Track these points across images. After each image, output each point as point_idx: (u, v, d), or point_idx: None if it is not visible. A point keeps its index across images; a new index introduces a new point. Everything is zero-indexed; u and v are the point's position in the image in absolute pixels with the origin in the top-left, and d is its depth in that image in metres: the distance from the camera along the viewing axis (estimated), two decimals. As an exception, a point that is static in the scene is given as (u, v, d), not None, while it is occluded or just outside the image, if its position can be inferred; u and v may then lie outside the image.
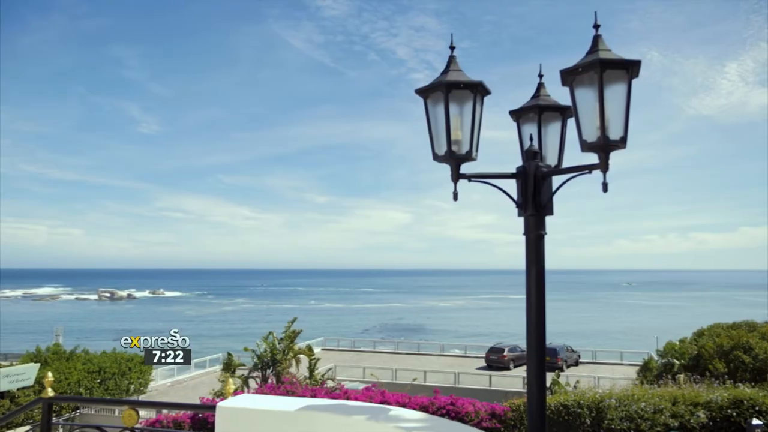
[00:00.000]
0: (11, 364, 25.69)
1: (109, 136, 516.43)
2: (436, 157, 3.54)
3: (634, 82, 3.17)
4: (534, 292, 3.41)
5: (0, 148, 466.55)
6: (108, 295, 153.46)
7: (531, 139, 3.75)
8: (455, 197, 3.47)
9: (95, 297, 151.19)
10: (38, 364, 24.07)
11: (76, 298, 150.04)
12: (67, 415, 23.63)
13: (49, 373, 4.10)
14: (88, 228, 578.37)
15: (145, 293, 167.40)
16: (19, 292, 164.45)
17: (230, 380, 4.06)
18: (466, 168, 3.55)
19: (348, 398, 11.24)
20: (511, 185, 3.63)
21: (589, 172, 3.35)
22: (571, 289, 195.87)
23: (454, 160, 3.47)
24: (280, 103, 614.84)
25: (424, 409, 10.85)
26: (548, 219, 3.54)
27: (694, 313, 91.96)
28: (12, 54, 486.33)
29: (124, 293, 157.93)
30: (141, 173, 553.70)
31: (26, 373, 22.78)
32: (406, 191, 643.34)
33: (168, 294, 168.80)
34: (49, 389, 3.94)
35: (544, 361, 3.43)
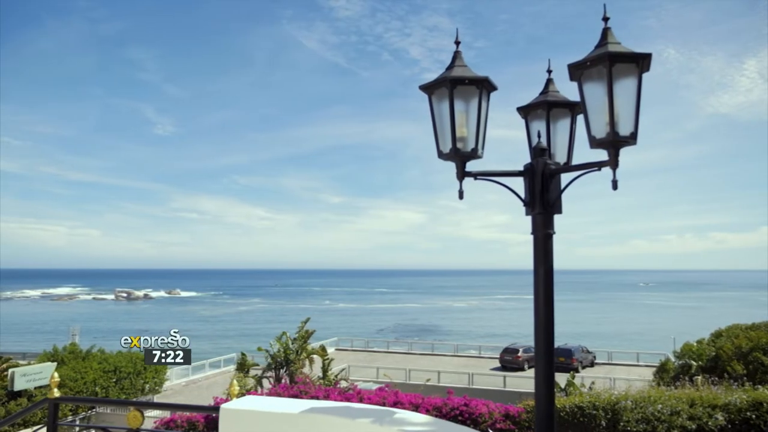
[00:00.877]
0: (29, 363, 26.02)
1: (125, 137, 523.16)
2: (441, 155, 3.47)
3: (647, 76, 3.08)
4: (542, 293, 3.33)
5: (21, 150, 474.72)
6: (124, 295, 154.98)
7: (539, 135, 3.67)
8: (461, 195, 3.39)
9: (112, 297, 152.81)
10: (55, 364, 24.36)
11: (94, 298, 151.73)
12: (84, 414, 23.85)
13: (55, 374, 4.10)
14: (105, 229, 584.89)
15: (161, 293, 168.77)
16: (38, 292, 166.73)
17: (234, 382, 4.02)
18: (473, 166, 3.47)
19: (361, 399, 11.19)
20: (519, 183, 3.55)
21: (599, 170, 3.25)
22: (587, 290, 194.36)
23: (459, 157, 3.39)
24: (294, 103, 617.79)
25: (437, 409, 10.76)
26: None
27: (712, 314, 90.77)
28: (31, 57, 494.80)
29: (140, 293, 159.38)
30: (157, 174, 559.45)
31: (43, 372, 23.05)
32: (420, 191, 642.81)
33: (184, 294, 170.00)
34: (55, 390, 3.93)
35: (553, 362, 3.35)
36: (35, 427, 17.06)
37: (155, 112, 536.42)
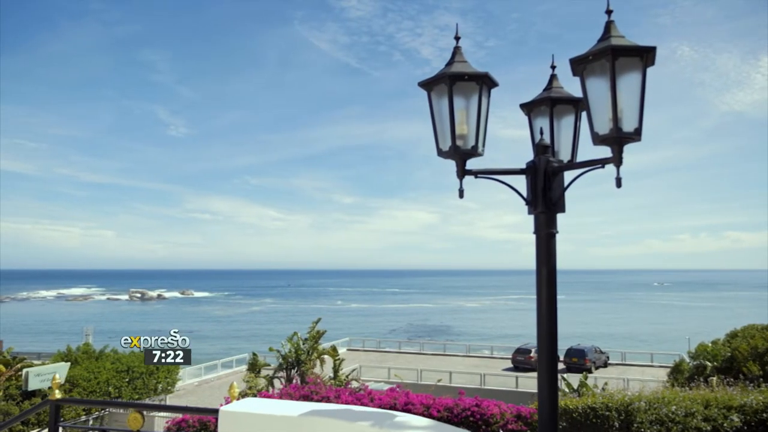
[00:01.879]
0: (43, 363, 26.26)
1: (138, 138, 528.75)
2: (441, 153, 3.39)
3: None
4: (545, 294, 3.24)
5: (36, 152, 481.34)
6: (139, 295, 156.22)
7: (541, 132, 3.58)
8: (461, 194, 3.31)
9: (126, 297, 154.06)
10: (68, 363, 24.55)
11: (108, 299, 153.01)
12: (97, 414, 24.04)
13: (57, 375, 4.09)
14: (119, 229, 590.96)
15: (175, 294, 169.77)
16: (53, 293, 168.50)
17: (234, 384, 3.99)
18: (475, 164, 3.39)
19: (372, 399, 11.16)
20: (522, 182, 3.46)
21: (602, 167, 3.16)
22: (600, 290, 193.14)
23: (459, 155, 3.31)
24: (305, 104, 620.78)
25: (448, 410, 10.71)
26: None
27: (727, 314, 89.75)
28: (45, 59, 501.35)
29: (154, 293, 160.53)
30: (170, 175, 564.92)
31: (57, 372, 23.22)
32: (432, 191, 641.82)
33: (197, 294, 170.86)
34: (57, 391, 3.91)
35: (556, 364, 3.27)
36: (41, 428, 17.20)
37: (168, 114, 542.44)
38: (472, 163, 3.40)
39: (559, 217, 3.35)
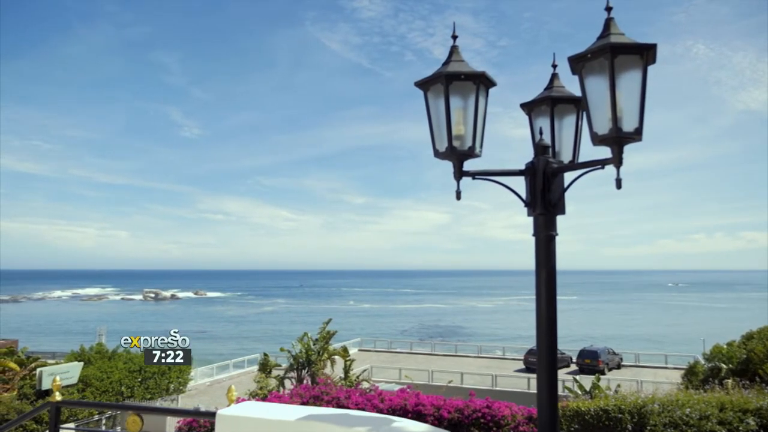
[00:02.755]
0: (57, 363, 26.51)
1: (152, 139, 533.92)
2: (437, 154, 3.33)
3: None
4: (544, 296, 3.18)
5: (51, 153, 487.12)
6: (152, 295, 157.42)
7: (541, 132, 3.49)
8: (458, 196, 3.25)
9: (140, 297, 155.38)
10: (82, 363, 24.76)
11: (122, 299, 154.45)
12: (110, 413, 24.22)
13: (58, 377, 4.08)
14: (133, 230, 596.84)
15: (189, 294, 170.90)
16: (68, 293, 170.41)
17: (232, 387, 3.96)
18: (474, 165, 3.33)
19: (382, 400, 11.16)
20: (521, 183, 3.39)
21: (602, 168, 3.09)
22: (614, 290, 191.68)
23: (456, 156, 3.25)
24: (317, 105, 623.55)
25: (459, 411, 10.66)
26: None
27: (743, 315, 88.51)
28: (60, 61, 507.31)
29: (167, 294, 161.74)
30: (183, 176, 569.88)
31: (70, 372, 23.45)
32: (443, 192, 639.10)
33: (210, 294, 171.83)
34: (57, 393, 3.91)
35: (556, 367, 3.23)
36: (70, 425, 17.29)
37: (182, 115, 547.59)
38: (472, 164, 3.35)
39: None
